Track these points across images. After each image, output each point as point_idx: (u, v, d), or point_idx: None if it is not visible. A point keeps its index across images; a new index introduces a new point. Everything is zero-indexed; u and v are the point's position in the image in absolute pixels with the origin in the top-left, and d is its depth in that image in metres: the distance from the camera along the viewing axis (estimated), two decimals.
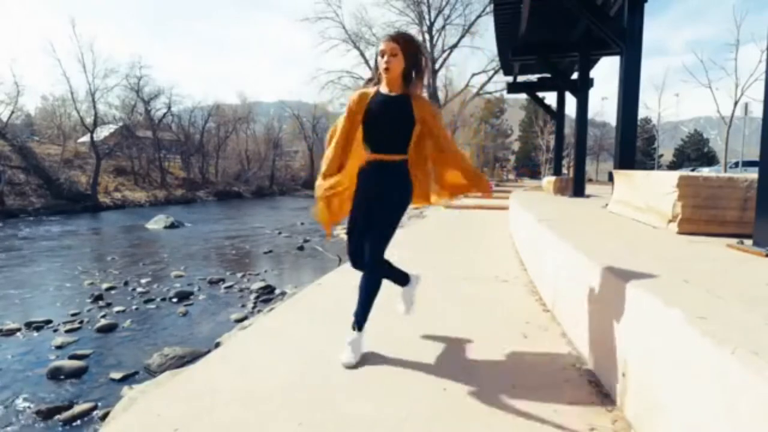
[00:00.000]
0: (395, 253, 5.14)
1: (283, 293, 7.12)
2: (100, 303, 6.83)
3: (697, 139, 51.87)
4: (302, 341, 2.43)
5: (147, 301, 6.96)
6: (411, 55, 2.19)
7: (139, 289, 7.68)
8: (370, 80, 2.33)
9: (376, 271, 2.27)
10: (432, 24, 28.19)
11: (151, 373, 4.26)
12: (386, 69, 2.15)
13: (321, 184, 2.22)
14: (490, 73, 27.70)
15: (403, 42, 2.17)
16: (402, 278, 2.53)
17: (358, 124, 2.24)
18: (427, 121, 2.23)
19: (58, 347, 5.10)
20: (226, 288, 7.79)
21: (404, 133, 2.22)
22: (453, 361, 2.19)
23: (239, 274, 8.90)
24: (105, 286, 7.87)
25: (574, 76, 11.47)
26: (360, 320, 2.27)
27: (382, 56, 2.16)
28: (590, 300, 2.17)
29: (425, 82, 2.33)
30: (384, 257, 2.28)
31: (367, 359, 2.22)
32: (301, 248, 12.16)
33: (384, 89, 2.24)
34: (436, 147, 2.28)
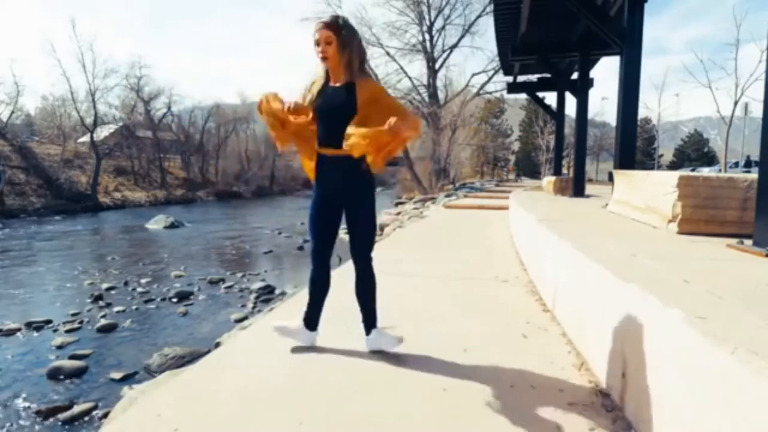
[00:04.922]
0: (396, 252, 5.15)
1: (283, 293, 7.13)
2: (100, 303, 6.83)
3: (697, 139, 51.86)
4: None
5: (147, 301, 6.96)
6: (347, 41, 2.06)
7: (139, 289, 7.68)
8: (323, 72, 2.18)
9: (364, 273, 2.24)
10: (432, 24, 28.14)
11: (151, 373, 4.26)
12: (324, 58, 2.06)
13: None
14: (490, 73, 27.62)
15: (337, 28, 2.04)
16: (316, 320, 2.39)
17: (309, 108, 2.15)
18: (372, 105, 2.06)
19: (58, 347, 5.10)
20: (226, 288, 7.79)
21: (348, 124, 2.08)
22: (453, 361, 2.19)
23: (239, 274, 8.90)
24: (105, 286, 7.88)
25: (574, 76, 11.46)
26: (367, 323, 2.31)
27: (317, 45, 2.05)
28: (590, 300, 2.17)
29: (366, 64, 2.17)
30: (369, 258, 2.23)
31: (367, 359, 2.22)
32: (301, 248, 12.16)
33: (331, 80, 2.15)
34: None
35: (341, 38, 2.04)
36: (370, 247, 2.24)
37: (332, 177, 2.16)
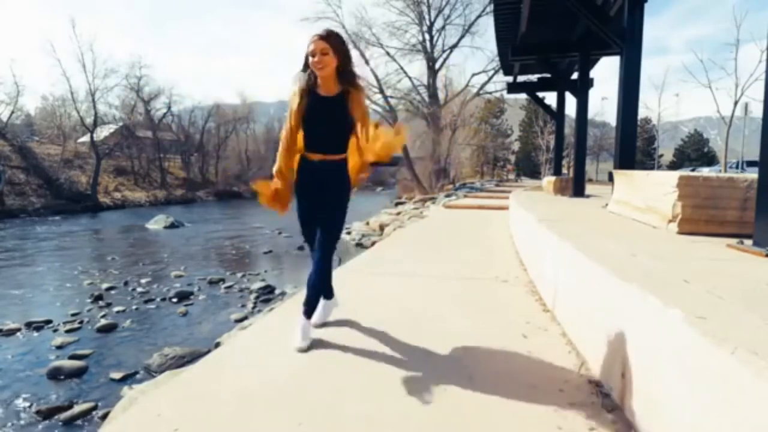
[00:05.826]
0: (396, 252, 5.15)
1: (283, 293, 7.13)
2: (100, 303, 6.83)
3: (697, 139, 51.84)
4: None
5: (147, 301, 6.96)
6: (342, 52, 2.18)
7: (139, 289, 7.68)
8: (307, 81, 2.26)
9: (323, 265, 2.39)
10: (432, 24, 28.16)
11: (151, 373, 4.26)
12: (320, 68, 2.15)
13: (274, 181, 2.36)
14: (490, 73, 27.66)
15: (332, 39, 2.15)
16: (329, 291, 2.67)
17: (299, 123, 2.27)
18: (357, 120, 2.24)
19: (58, 347, 5.10)
20: (226, 288, 7.79)
21: (344, 133, 2.28)
22: (453, 361, 2.19)
23: (239, 274, 8.90)
24: (105, 286, 7.87)
25: (574, 76, 11.46)
26: (309, 310, 2.41)
27: (313, 56, 2.14)
28: (590, 300, 2.17)
29: (359, 72, 2.30)
30: (333, 254, 2.42)
31: (367, 359, 2.22)
32: (301, 248, 12.13)
33: (320, 90, 2.24)
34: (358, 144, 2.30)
35: (336, 49, 2.16)
36: (335, 245, 2.42)
37: (320, 180, 2.31)
